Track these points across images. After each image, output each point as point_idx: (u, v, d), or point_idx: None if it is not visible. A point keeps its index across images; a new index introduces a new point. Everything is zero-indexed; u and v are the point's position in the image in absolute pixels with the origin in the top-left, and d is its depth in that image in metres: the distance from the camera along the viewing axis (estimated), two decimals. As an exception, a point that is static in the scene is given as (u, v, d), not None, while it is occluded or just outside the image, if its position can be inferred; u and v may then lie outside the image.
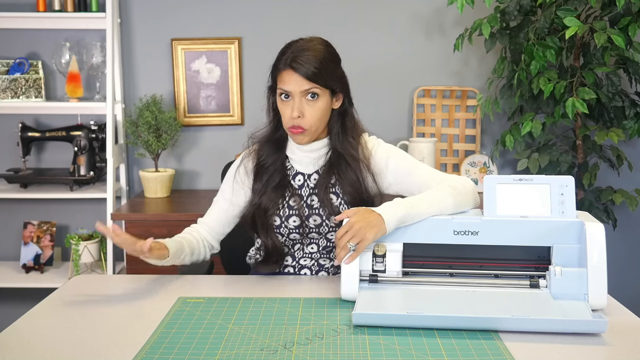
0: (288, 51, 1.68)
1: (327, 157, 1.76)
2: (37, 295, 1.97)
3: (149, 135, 2.82)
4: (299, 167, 1.78)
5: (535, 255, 1.53)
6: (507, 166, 3.07)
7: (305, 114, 1.67)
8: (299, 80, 1.65)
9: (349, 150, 1.73)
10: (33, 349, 1.29)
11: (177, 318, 1.44)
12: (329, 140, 1.76)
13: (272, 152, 1.78)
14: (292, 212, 1.74)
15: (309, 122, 1.67)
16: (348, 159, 1.73)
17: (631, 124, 2.63)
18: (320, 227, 1.74)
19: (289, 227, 1.74)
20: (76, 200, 3.01)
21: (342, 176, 1.73)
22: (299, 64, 1.64)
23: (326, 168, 1.75)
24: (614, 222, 2.76)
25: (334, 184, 1.74)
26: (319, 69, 1.65)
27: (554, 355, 1.25)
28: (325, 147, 1.77)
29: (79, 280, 1.75)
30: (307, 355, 1.25)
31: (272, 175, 1.76)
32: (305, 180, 1.77)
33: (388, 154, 1.76)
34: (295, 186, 1.77)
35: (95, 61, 2.90)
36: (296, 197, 1.75)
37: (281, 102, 1.69)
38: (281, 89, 1.68)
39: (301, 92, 1.66)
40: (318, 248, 1.78)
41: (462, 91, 3.01)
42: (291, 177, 1.78)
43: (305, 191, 1.76)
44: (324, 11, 2.98)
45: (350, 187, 1.72)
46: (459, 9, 2.54)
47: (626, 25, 2.38)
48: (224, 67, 3.00)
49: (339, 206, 1.73)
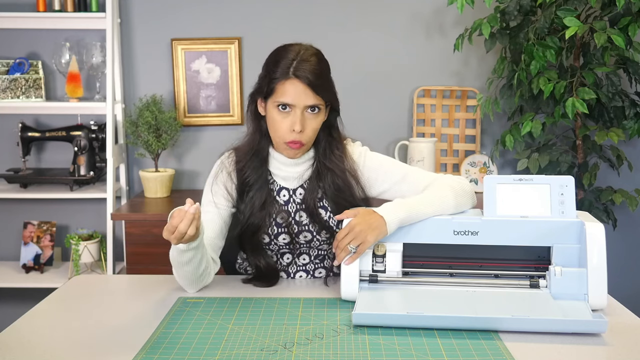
0: (287, 59, 1.57)
1: (312, 169, 1.69)
2: (37, 295, 1.97)
3: (149, 135, 2.82)
4: (283, 182, 1.69)
5: (535, 255, 1.53)
6: (507, 166, 3.08)
7: (306, 129, 1.59)
8: (305, 91, 1.55)
9: (336, 163, 1.66)
10: (33, 349, 1.29)
11: (177, 318, 1.44)
12: (314, 153, 1.69)
13: (256, 166, 1.67)
14: (281, 229, 1.67)
15: (308, 136, 1.60)
16: (337, 171, 1.66)
17: (631, 124, 2.63)
18: (311, 243, 1.70)
19: (279, 244, 1.69)
20: (76, 200, 3.01)
21: (330, 188, 1.66)
22: (305, 73, 1.55)
23: (312, 182, 1.68)
24: (614, 222, 2.76)
25: (321, 198, 1.68)
26: (323, 81, 1.58)
27: (554, 355, 1.25)
28: (310, 160, 1.69)
29: (79, 280, 1.75)
30: (307, 355, 1.25)
31: (256, 193, 1.65)
32: (291, 196, 1.69)
33: (378, 163, 1.71)
34: (281, 202, 1.68)
35: (95, 61, 2.90)
36: (283, 213, 1.67)
37: (277, 113, 1.58)
38: (281, 101, 1.57)
39: (305, 107, 1.57)
40: (310, 258, 1.74)
41: (462, 91, 3.01)
42: (275, 192, 1.69)
43: (292, 207, 1.68)
44: (324, 11, 2.98)
45: (339, 197, 1.66)
46: (459, 9, 2.54)
47: (626, 25, 2.38)
48: (224, 67, 3.00)
49: (328, 220, 1.67)
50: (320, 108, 1.60)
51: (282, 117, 1.59)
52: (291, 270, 1.74)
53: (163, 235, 1.42)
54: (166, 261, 1.66)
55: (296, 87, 1.55)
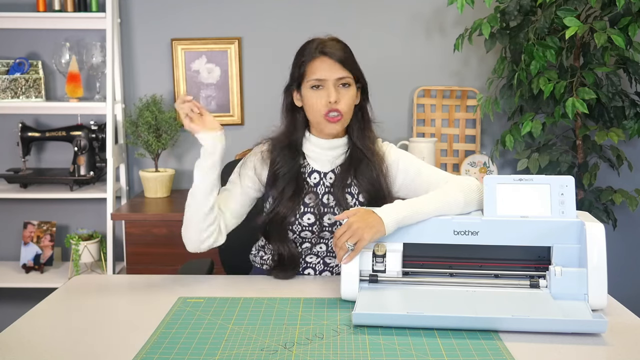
0: (313, 44, 1.69)
1: (345, 155, 1.76)
2: (37, 295, 1.97)
3: (149, 135, 2.82)
4: (316, 165, 1.76)
5: (535, 255, 1.53)
6: (507, 166, 3.08)
7: (341, 101, 1.66)
8: (333, 65, 1.66)
9: (368, 144, 1.74)
10: (33, 349, 1.29)
11: (177, 318, 1.44)
12: (348, 138, 1.76)
13: (288, 158, 1.74)
14: (307, 209, 1.73)
15: (345, 108, 1.67)
16: (367, 153, 1.72)
17: (631, 124, 2.63)
18: (334, 226, 1.73)
19: (303, 225, 1.72)
20: (76, 200, 3.01)
21: (361, 174, 1.72)
22: (330, 49, 1.66)
23: (344, 167, 1.74)
24: (614, 222, 2.76)
25: (350, 184, 1.73)
26: (348, 56, 1.68)
27: (554, 355, 1.25)
28: (344, 146, 1.76)
29: (79, 280, 1.75)
30: (307, 355, 1.25)
31: (288, 184, 1.72)
32: (322, 179, 1.75)
33: (398, 157, 1.76)
34: (311, 184, 1.75)
35: (95, 61, 2.90)
36: (312, 194, 1.73)
37: (312, 92, 1.67)
38: (314, 78, 1.66)
39: (336, 80, 1.66)
40: (327, 248, 1.77)
41: (462, 91, 3.01)
42: (307, 174, 1.76)
43: (321, 189, 1.75)
44: (324, 11, 2.98)
45: (368, 184, 1.72)
46: (459, 9, 2.54)
47: (626, 25, 2.38)
48: (224, 67, 3.00)
49: (353, 206, 1.72)
50: (350, 83, 1.69)
51: (317, 95, 1.67)
52: (304, 253, 1.77)
53: (179, 111, 1.64)
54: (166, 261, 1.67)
55: (325, 63, 1.66)
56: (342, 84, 1.67)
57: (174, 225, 2.59)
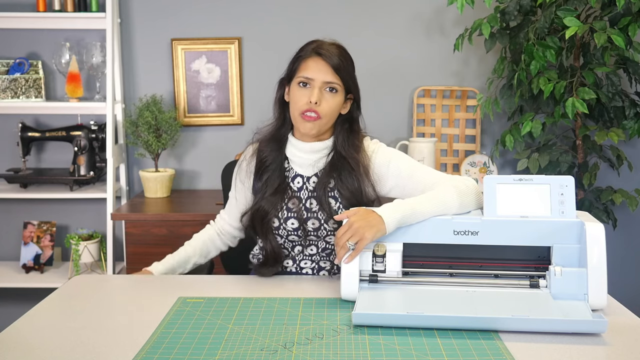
0: (313, 43, 1.71)
1: (327, 159, 1.75)
2: (37, 295, 1.97)
3: (149, 135, 2.82)
4: (299, 169, 1.76)
5: (535, 255, 1.53)
6: (507, 166, 3.08)
7: (322, 103, 1.67)
8: (325, 68, 1.67)
9: (352, 154, 1.72)
10: (33, 349, 1.29)
11: (177, 318, 1.44)
12: (332, 142, 1.75)
13: (274, 149, 1.77)
14: (291, 214, 1.73)
15: (325, 111, 1.68)
16: (351, 162, 1.71)
17: (631, 124, 2.63)
18: (319, 231, 1.73)
19: (288, 229, 1.73)
20: (76, 200, 3.01)
21: (342, 181, 1.71)
22: (326, 52, 1.67)
23: (325, 171, 1.74)
24: (614, 222, 2.76)
25: (333, 188, 1.73)
26: (343, 64, 1.69)
27: (554, 355, 1.25)
28: (327, 149, 1.75)
29: (79, 280, 1.75)
30: (307, 355, 1.25)
31: (271, 177, 1.74)
32: (304, 183, 1.75)
33: (389, 158, 1.74)
34: (295, 188, 1.75)
35: (95, 61, 2.90)
36: (295, 199, 1.74)
37: (298, 89, 1.69)
38: (303, 76, 1.68)
39: (323, 83, 1.67)
40: (317, 250, 1.77)
41: (462, 91, 3.01)
42: (290, 179, 1.76)
43: (304, 194, 1.75)
44: (324, 11, 2.98)
45: (349, 192, 1.70)
46: (459, 9, 2.54)
47: (626, 25, 2.38)
48: (224, 67, 3.00)
49: (337, 210, 1.71)
50: (338, 90, 1.69)
51: (301, 93, 1.68)
52: (298, 259, 1.78)
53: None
54: (166, 261, 1.68)
55: (317, 63, 1.68)
56: (330, 89, 1.68)
57: (174, 225, 2.59)
